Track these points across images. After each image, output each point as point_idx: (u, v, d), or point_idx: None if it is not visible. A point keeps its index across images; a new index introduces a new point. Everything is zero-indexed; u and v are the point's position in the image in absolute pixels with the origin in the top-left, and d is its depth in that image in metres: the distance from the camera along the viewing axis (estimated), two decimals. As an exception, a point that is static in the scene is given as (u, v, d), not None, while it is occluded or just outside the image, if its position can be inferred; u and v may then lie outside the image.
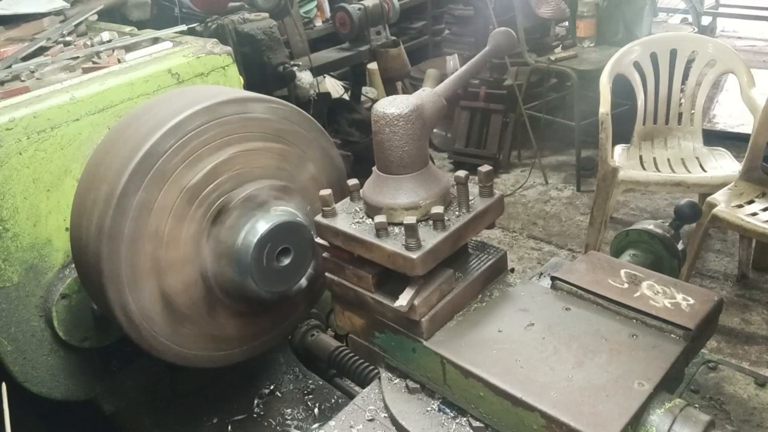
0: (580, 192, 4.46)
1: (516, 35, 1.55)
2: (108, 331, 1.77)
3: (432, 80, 1.46)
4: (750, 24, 7.00)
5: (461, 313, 1.29)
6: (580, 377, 1.09)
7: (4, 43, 2.17)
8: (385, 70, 4.20)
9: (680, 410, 1.05)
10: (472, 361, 1.15)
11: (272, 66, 3.12)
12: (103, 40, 2.06)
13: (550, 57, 4.43)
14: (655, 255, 1.52)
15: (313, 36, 4.90)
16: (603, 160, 3.28)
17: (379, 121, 1.22)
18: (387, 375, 1.35)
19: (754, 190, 2.89)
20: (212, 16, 3.02)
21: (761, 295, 3.27)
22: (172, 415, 2.04)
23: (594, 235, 3.45)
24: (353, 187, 1.34)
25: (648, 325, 1.20)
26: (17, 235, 1.61)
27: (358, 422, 1.29)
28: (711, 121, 4.92)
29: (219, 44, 1.94)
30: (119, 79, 1.74)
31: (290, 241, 1.57)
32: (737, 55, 3.37)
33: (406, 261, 1.15)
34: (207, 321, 1.62)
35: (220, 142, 1.52)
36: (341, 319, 1.40)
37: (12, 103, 1.60)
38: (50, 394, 1.79)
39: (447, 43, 6.10)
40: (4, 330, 1.65)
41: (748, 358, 2.89)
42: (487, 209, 1.29)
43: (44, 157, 1.61)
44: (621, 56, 3.49)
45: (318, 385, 2.08)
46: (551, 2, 4.48)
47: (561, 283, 1.33)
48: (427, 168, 1.27)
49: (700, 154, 3.44)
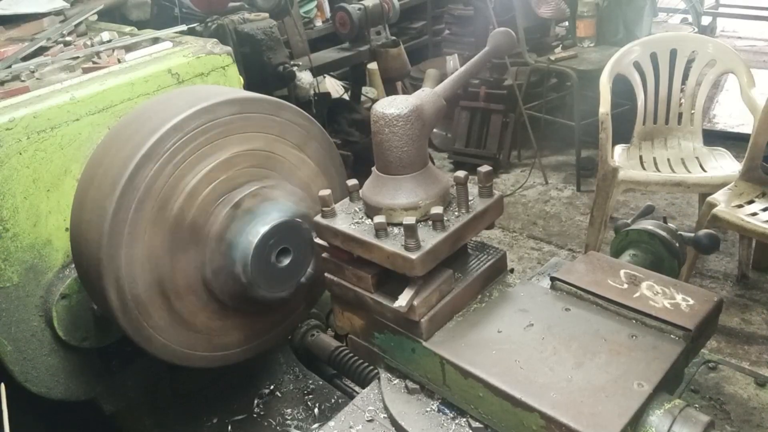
0: (580, 192, 4.46)
1: (516, 35, 1.55)
2: (108, 331, 1.77)
3: (432, 80, 1.46)
4: (750, 24, 7.00)
5: (461, 314, 1.29)
6: (580, 378, 1.09)
7: (4, 43, 2.17)
8: (385, 70, 4.20)
9: (680, 411, 1.05)
10: (472, 362, 1.15)
11: (272, 66, 3.12)
12: (103, 40, 2.06)
13: (550, 57, 4.43)
14: (655, 255, 1.52)
15: (313, 36, 4.90)
16: (603, 160, 3.28)
17: (378, 122, 1.22)
18: (386, 375, 1.34)
19: (754, 190, 2.89)
20: (212, 16, 3.02)
21: (761, 295, 3.27)
22: (172, 415, 2.04)
23: (594, 235, 3.45)
24: (352, 188, 1.33)
25: (647, 326, 1.20)
26: (17, 235, 1.61)
27: (358, 423, 1.29)
28: (711, 121, 4.92)
29: (219, 44, 1.94)
30: (119, 79, 1.74)
31: (290, 241, 1.57)
32: (737, 55, 3.36)
33: (406, 261, 1.15)
34: (207, 321, 1.62)
35: (219, 142, 1.52)
36: (341, 319, 1.40)
37: (12, 103, 1.60)
38: (50, 394, 1.79)
39: (447, 43, 6.09)
40: (4, 330, 1.66)
41: (748, 358, 2.89)
42: (487, 209, 1.29)
43: (44, 157, 1.61)
44: (621, 56, 3.48)
45: (318, 385, 2.08)
46: (551, 2, 4.48)
47: (560, 284, 1.33)
48: (426, 168, 1.26)
49: (700, 154, 3.44)
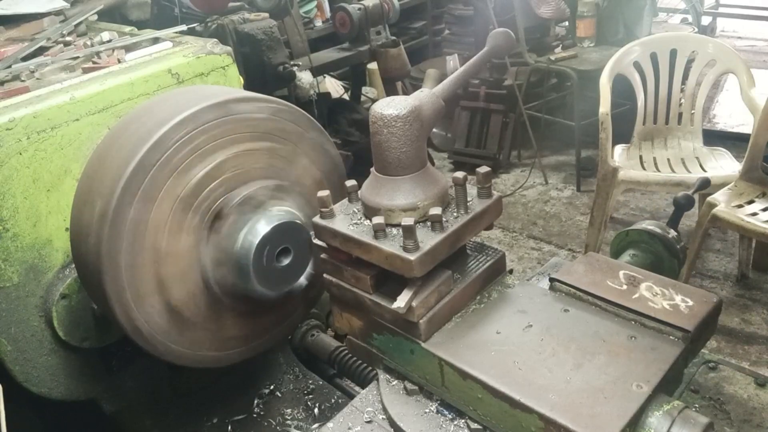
0: (580, 192, 4.45)
1: (516, 35, 1.55)
2: (108, 331, 1.77)
3: (432, 80, 1.46)
4: (750, 24, 7.00)
5: (459, 315, 1.28)
6: (579, 379, 1.09)
7: (4, 43, 2.17)
8: (385, 70, 4.20)
9: (679, 412, 1.04)
10: (471, 363, 1.15)
11: (272, 66, 3.13)
12: (103, 40, 2.06)
13: (550, 57, 4.43)
14: (655, 255, 1.51)
15: (313, 36, 4.90)
16: (603, 160, 3.28)
17: (377, 122, 1.21)
18: (385, 377, 1.34)
19: (754, 190, 2.89)
20: (212, 16, 3.03)
21: (761, 295, 3.27)
22: (172, 415, 2.04)
23: (594, 235, 3.45)
24: (351, 188, 1.33)
25: (647, 327, 1.20)
26: (17, 235, 1.61)
27: (356, 424, 1.29)
28: (711, 121, 4.91)
29: (219, 44, 1.94)
30: (119, 79, 1.74)
31: (290, 240, 1.57)
32: (737, 55, 3.36)
33: (404, 262, 1.15)
34: (207, 321, 1.62)
35: (219, 143, 1.52)
36: (339, 320, 1.40)
37: (12, 103, 1.61)
38: (50, 394, 1.80)
39: (447, 43, 6.09)
40: (4, 330, 1.66)
41: (748, 358, 2.89)
42: (486, 210, 1.29)
43: (44, 157, 1.62)
44: (621, 56, 3.48)
45: (318, 385, 2.08)
46: (551, 2, 4.47)
47: (559, 285, 1.33)
48: (425, 169, 1.26)
49: (700, 154, 3.44)
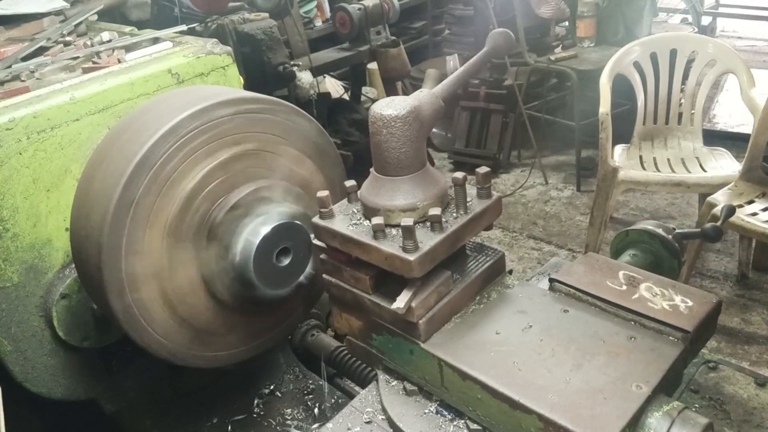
0: (580, 192, 4.45)
1: (516, 35, 1.55)
2: (108, 331, 1.77)
3: (432, 80, 1.46)
4: (750, 24, 6.99)
5: (459, 315, 1.28)
6: (578, 380, 1.09)
7: (4, 43, 2.18)
8: (385, 70, 4.19)
9: (678, 413, 1.04)
10: (470, 364, 1.15)
11: (272, 66, 3.12)
12: (103, 40, 2.06)
13: (550, 57, 4.42)
14: (655, 255, 1.51)
15: (313, 36, 4.90)
16: (603, 160, 3.28)
17: (376, 123, 1.21)
18: (385, 377, 1.34)
19: (754, 190, 2.89)
20: (212, 16, 3.02)
21: (761, 295, 3.27)
22: (172, 415, 2.04)
23: (594, 235, 3.45)
24: (351, 189, 1.33)
25: (646, 328, 1.20)
26: (17, 235, 1.61)
27: (356, 424, 1.29)
28: (711, 121, 4.91)
29: (219, 44, 1.94)
30: (119, 79, 1.74)
31: (289, 240, 1.57)
32: (737, 55, 3.36)
33: (404, 263, 1.15)
34: (207, 320, 1.62)
35: (218, 143, 1.52)
36: (339, 321, 1.40)
37: (12, 103, 1.61)
38: (50, 394, 1.80)
39: (447, 43, 6.09)
40: (4, 330, 1.66)
41: (748, 358, 2.89)
42: (485, 211, 1.29)
43: (44, 157, 1.62)
44: (621, 56, 3.48)
45: (318, 385, 2.08)
46: (551, 2, 4.47)
47: (559, 285, 1.33)
48: (424, 169, 1.26)
49: (700, 154, 3.44)
